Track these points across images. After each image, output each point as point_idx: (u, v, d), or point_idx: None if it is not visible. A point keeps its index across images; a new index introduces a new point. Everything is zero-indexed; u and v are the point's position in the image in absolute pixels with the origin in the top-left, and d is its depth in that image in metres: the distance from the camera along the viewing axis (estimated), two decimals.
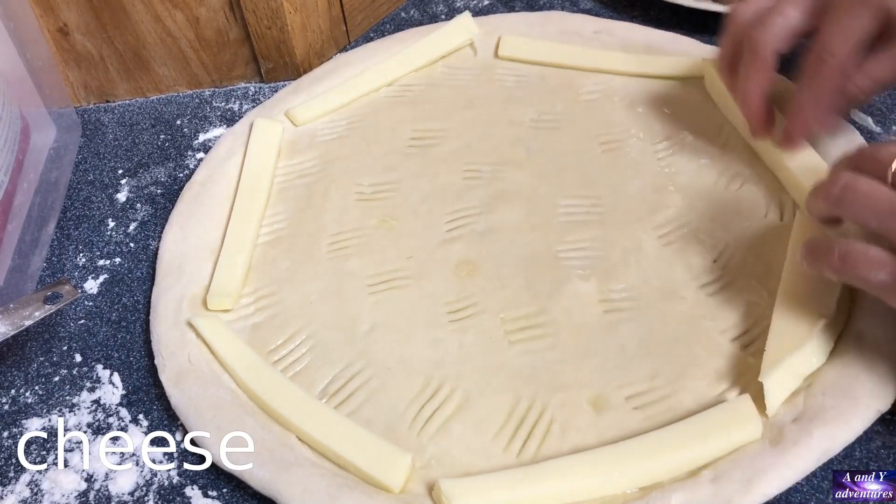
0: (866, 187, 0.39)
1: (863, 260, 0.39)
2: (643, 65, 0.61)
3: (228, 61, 0.66)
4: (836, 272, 0.40)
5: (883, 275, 0.38)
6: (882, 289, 0.38)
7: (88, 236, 0.57)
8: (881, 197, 0.39)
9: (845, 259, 0.39)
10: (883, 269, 0.38)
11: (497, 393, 0.44)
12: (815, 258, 0.41)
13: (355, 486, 0.40)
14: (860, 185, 0.39)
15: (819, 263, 0.41)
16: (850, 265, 0.39)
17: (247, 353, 0.47)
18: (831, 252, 0.40)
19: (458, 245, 0.52)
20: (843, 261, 0.39)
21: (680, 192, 0.53)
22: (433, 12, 0.73)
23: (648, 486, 0.39)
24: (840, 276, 0.40)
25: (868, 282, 0.39)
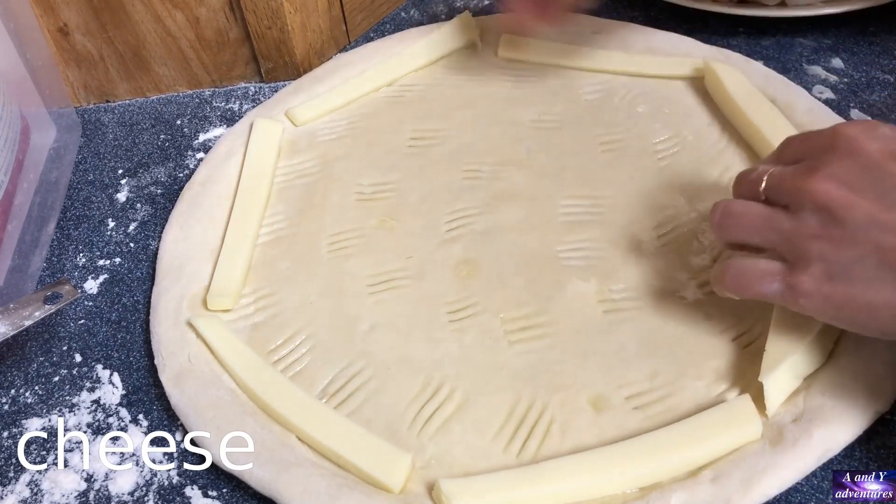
0: (740, 208, 0.42)
1: (754, 275, 0.40)
2: (643, 65, 0.61)
3: (228, 61, 0.66)
4: (735, 292, 0.42)
5: (776, 284, 0.39)
6: (779, 298, 0.40)
7: (88, 236, 0.57)
8: (754, 213, 0.41)
9: (736, 278, 0.41)
10: (774, 280, 0.39)
11: (497, 393, 0.44)
12: (717, 283, 0.43)
13: (355, 486, 0.40)
14: (734, 207, 0.42)
15: (720, 287, 0.43)
16: (745, 283, 0.41)
17: (247, 353, 0.47)
18: (724, 274, 0.42)
19: (457, 245, 0.52)
20: (734, 280, 0.41)
21: (680, 192, 0.53)
22: (433, 12, 0.73)
23: (648, 486, 0.39)
24: (740, 294, 0.42)
25: (764, 295, 0.40)
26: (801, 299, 0.38)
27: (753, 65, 0.60)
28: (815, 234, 0.38)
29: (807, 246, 0.38)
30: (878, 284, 0.36)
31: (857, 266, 0.37)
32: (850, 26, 0.65)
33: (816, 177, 0.39)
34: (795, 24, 0.66)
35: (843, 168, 0.38)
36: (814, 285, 0.38)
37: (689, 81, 0.60)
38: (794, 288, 0.39)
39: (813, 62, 0.63)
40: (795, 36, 0.65)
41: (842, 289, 0.37)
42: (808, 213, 0.39)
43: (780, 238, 0.40)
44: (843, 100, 0.59)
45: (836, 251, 0.37)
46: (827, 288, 0.37)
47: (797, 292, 0.38)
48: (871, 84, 0.60)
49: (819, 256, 0.38)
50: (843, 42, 0.64)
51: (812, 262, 0.38)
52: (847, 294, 0.37)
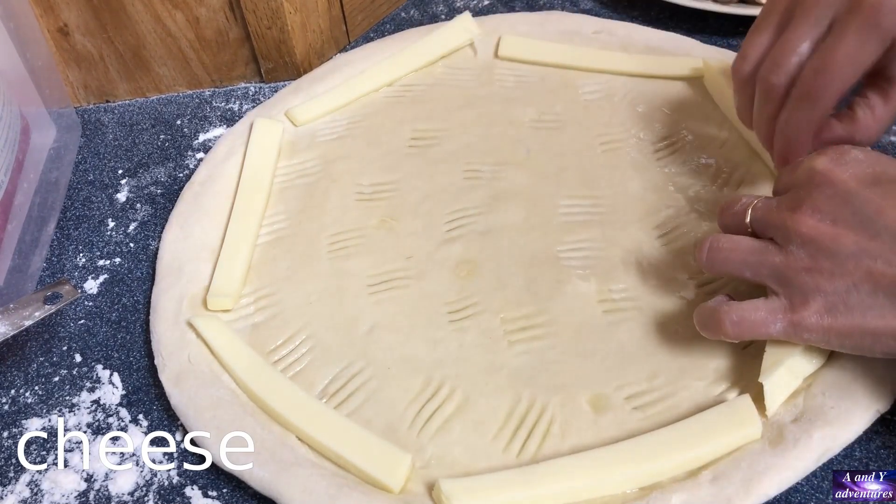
0: (728, 244, 0.42)
1: (756, 319, 0.40)
2: (643, 65, 0.61)
3: (228, 61, 0.66)
4: (734, 338, 0.41)
5: (780, 324, 0.40)
6: (783, 336, 0.40)
7: (88, 236, 0.57)
8: (744, 248, 0.41)
9: (738, 325, 0.40)
10: (776, 321, 0.40)
11: (497, 393, 0.44)
12: (709, 329, 0.42)
13: (355, 486, 0.40)
14: (722, 243, 0.42)
15: (715, 334, 0.42)
16: (746, 328, 0.40)
17: (247, 353, 0.47)
18: (722, 322, 0.41)
19: (457, 245, 0.52)
20: (736, 327, 0.40)
21: (680, 192, 0.53)
22: (433, 12, 0.73)
23: (648, 486, 0.39)
24: (741, 338, 0.41)
25: (769, 335, 0.40)
26: (804, 334, 0.39)
27: None
28: (806, 268, 0.39)
29: (801, 280, 0.39)
30: (875, 311, 0.37)
31: (853, 294, 0.37)
32: None
33: (800, 212, 0.39)
34: None
35: (822, 200, 0.39)
36: (815, 320, 0.38)
37: (689, 81, 0.60)
38: (796, 325, 0.39)
39: None
40: None
41: (842, 320, 0.38)
42: (796, 248, 0.39)
43: (772, 273, 0.40)
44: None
45: (830, 282, 0.38)
46: (828, 321, 0.38)
47: (800, 328, 0.39)
48: None
49: (815, 290, 0.38)
50: None
51: (809, 296, 0.39)
52: (848, 324, 0.38)
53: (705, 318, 0.42)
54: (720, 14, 0.65)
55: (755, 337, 0.41)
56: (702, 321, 0.43)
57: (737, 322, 0.40)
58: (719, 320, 0.41)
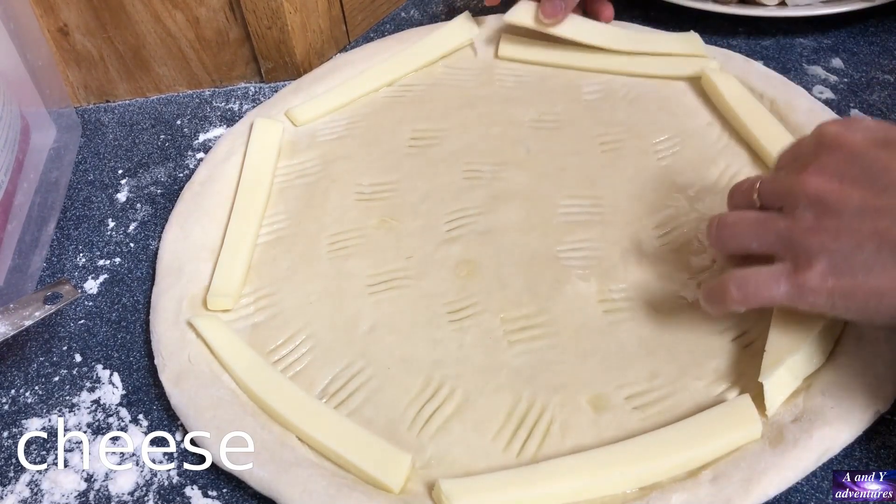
0: (734, 218, 0.42)
1: (759, 282, 0.40)
2: (643, 65, 0.61)
3: (228, 61, 0.66)
4: (740, 304, 0.41)
5: (783, 286, 0.39)
6: (787, 299, 0.40)
7: (88, 236, 0.57)
8: (749, 220, 0.42)
9: (743, 288, 0.41)
10: (780, 282, 0.39)
11: (497, 393, 0.44)
12: (715, 300, 0.42)
13: (355, 487, 0.40)
14: (728, 218, 0.43)
15: (721, 304, 0.42)
16: (751, 292, 0.40)
17: (247, 353, 0.47)
18: (727, 288, 0.41)
19: (457, 245, 0.52)
20: (741, 290, 0.41)
21: (680, 192, 0.53)
22: (433, 12, 0.73)
23: (648, 486, 0.39)
24: (745, 305, 0.41)
25: (773, 299, 0.40)
26: (809, 297, 0.39)
27: (753, 65, 0.60)
28: (811, 228, 0.38)
29: (806, 241, 0.39)
30: (879, 269, 0.37)
31: (858, 254, 0.37)
32: (850, 26, 0.65)
33: (806, 173, 0.39)
34: (795, 24, 0.66)
35: (830, 161, 0.39)
36: (819, 280, 0.38)
37: (689, 81, 0.61)
38: (800, 286, 0.39)
39: (813, 62, 0.63)
40: (795, 36, 0.65)
41: (847, 280, 0.37)
42: (802, 210, 0.39)
43: (777, 238, 0.40)
44: (843, 100, 0.59)
45: (835, 242, 0.38)
46: (832, 282, 0.38)
47: (804, 290, 0.39)
48: (871, 84, 0.60)
49: (820, 250, 0.38)
50: (843, 42, 0.64)
51: (814, 257, 0.38)
52: (852, 283, 0.37)
53: (711, 290, 0.43)
54: (720, 14, 0.65)
55: (760, 302, 0.40)
56: (708, 294, 0.43)
57: (741, 285, 0.40)
58: (724, 287, 0.41)
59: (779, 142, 0.51)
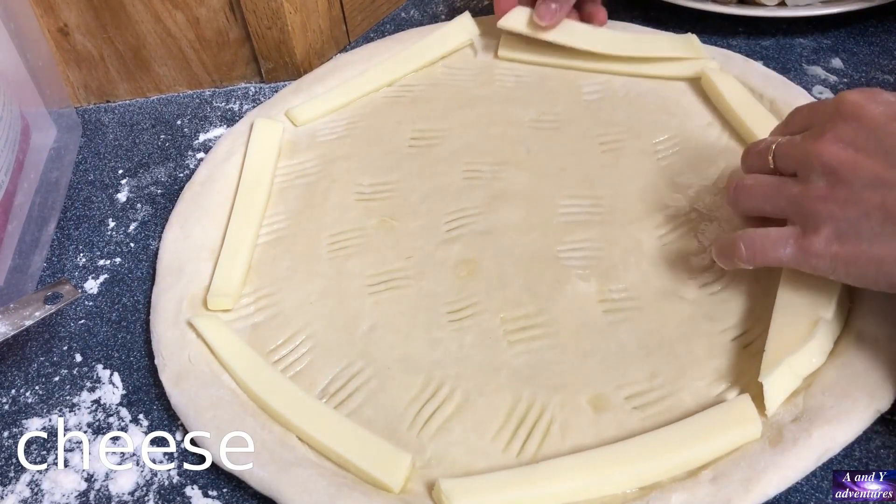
0: (751, 181, 0.44)
1: (767, 242, 0.42)
2: (643, 65, 0.61)
3: (228, 61, 0.66)
4: (747, 262, 0.43)
5: (789, 248, 0.41)
6: (792, 261, 0.41)
7: (88, 236, 0.57)
8: (765, 183, 0.43)
9: (751, 247, 0.42)
10: (787, 244, 0.41)
11: (497, 393, 0.44)
12: (725, 255, 0.44)
13: (355, 486, 0.40)
14: (746, 181, 0.44)
15: (730, 259, 0.44)
16: (758, 251, 0.42)
17: (247, 353, 0.47)
18: (737, 245, 0.43)
19: (457, 245, 0.52)
20: (749, 249, 0.42)
21: (680, 192, 0.53)
22: (433, 12, 0.73)
23: (648, 486, 0.39)
24: (752, 263, 0.43)
25: (779, 260, 0.42)
26: (812, 260, 0.40)
27: (753, 65, 0.60)
28: (822, 196, 0.40)
29: (815, 208, 0.40)
30: (883, 239, 0.38)
31: (864, 223, 0.38)
32: (850, 26, 0.65)
33: (823, 140, 0.40)
34: (795, 24, 0.66)
35: (847, 131, 0.40)
36: (824, 246, 0.40)
37: (689, 82, 0.61)
38: (805, 250, 0.40)
39: (813, 62, 0.63)
40: (795, 36, 0.65)
41: (849, 247, 0.39)
42: (815, 177, 0.40)
43: (789, 203, 0.41)
44: None
45: (843, 210, 0.39)
46: (836, 247, 0.39)
47: (808, 253, 0.40)
48: (871, 84, 0.60)
49: (828, 217, 0.39)
50: (842, 42, 0.64)
51: (821, 223, 0.40)
52: (855, 251, 0.39)
53: (722, 245, 0.45)
54: (720, 14, 0.65)
55: (766, 261, 0.42)
56: (719, 248, 0.45)
57: (749, 243, 0.42)
58: (735, 243, 0.43)
59: None
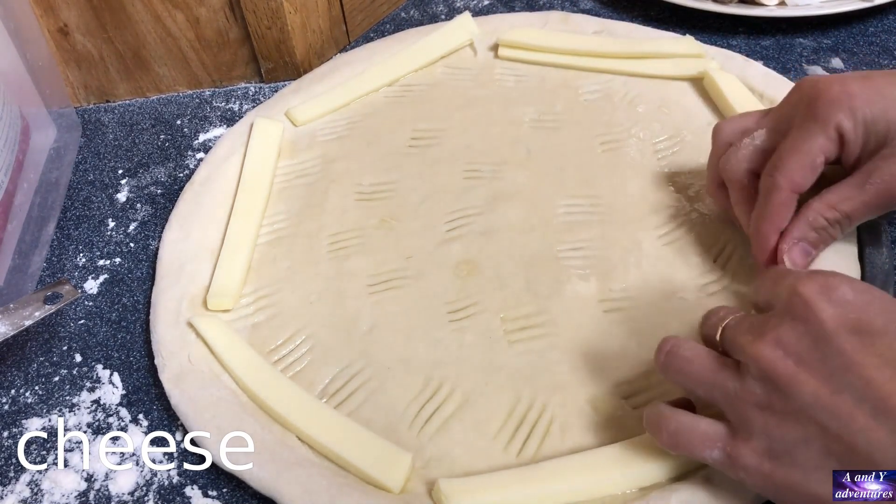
0: (689, 353, 0.38)
1: (693, 437, 0.37)
2: (643, 65, 0.61)
3: (228, 61, 0.66)
4: (670, 448, 0.38)
5: (716, 452, 0.36)
6: (718, 465, 0.36)
7: (88, 236, 0.57)
8: (702, 364, 0.37)
9: (675, 436, 0.37)
10: (715, 446, 0.36)
11: (497, 393, 0.44)
12: (651, 430, 0.39)
13: (355, 486, 0.40)
14: (683, 350, 0.38)
15: (655, 436, 0.39)
16: (682, 443, 0.37)
17: (247, 353, 0.47)
18: (660, 428, 0.38)
19: (457, 245, 0.52)
20: (672, 438, 0.37)
21: (680, 191, 0.53)
22: (433, 12, 0.73)
23: (648, 486, 0.39)
24: (674, 451, 0.38)
25: (703, 459, 0.37)
26: (740, 472, 0.35)
27: (753, 65, 0.60)
28: (758, 403, 0.35)
29: (750, 414, 0.35)
30: (821, 475, 0.33)
31: (802, 449, 0.33)
32: (850, 26, 0.65)
33: (763, 342, 0.35)
34: (795, 24, 0.66)
35: (792, 336, 0.34)
36: (754, 460, 0.35)
37: (689, 81, 0.61)
38: (733, 459, 0.35)
39: (813, 62, 0.63)
40: (795, 36, 0.65)
41: (784, 472, 0.34)
42: (752, 379, 0.35)
43: (724, 398, 0.36)
44: None
45: (780, 427, 0.34)
46: (768, 466, 0.34)
47: (737, 464, 0.35)
48: None
49: (762, 430, 0.35)
50: (843, 42, 0.64)
51: (754, 433, 0.35)
52: (789, 478, 0.34)
53: (648, 419, 0.39)
54: (720, 14, 0.65)
55: (690, 455, 0.37)
56: (646, 420, 0.39)
57: (673, 433, 0.37)
58: (658, 426, 0.38)
59: None
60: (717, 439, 0.36)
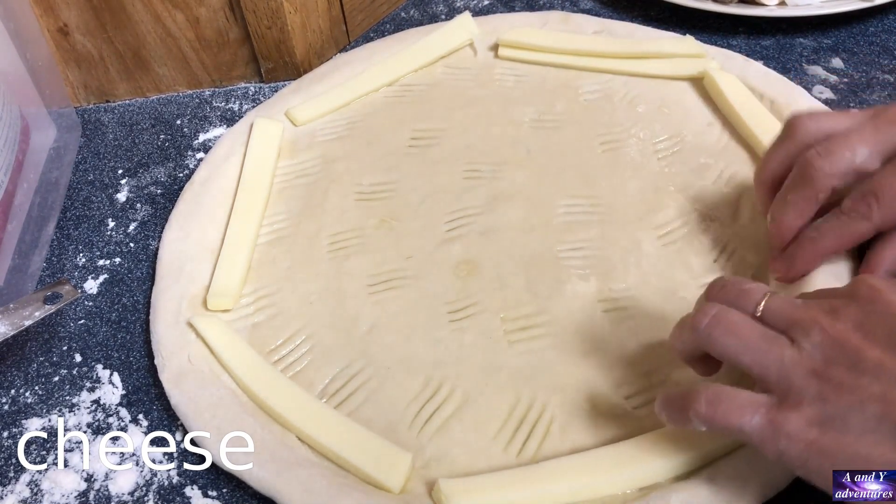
0: (737, 318, 0.37)
1: (733, 404, 0.35)
2: (643, 65, 0.61)
3: (228, 61, 0.66)
4: (704, 421, 0.36)
5: (757, 419, 0.35)
6: (756, 435, 0.35)
7: (88, 236, 0.57)
8: (753, 328, 0.36)
9: (715, 404, 0.35)
10: (757, 413, 0.35)
11: (497, 393, 0.44)
12: (677, 409, 0.37)
13: (355, 486, 0.40)
14: (730, 315, 0.37)
15: (682, 414, 0.37)
16: (721, 411, 0.35)
17: (247, 352, 0.47)
18: (696, 399, 0.36)
19: (457, 245, 0.52)
20: (712, 406, 0.35)
21: (680, 191, 0.53)
22: (433, 12, 0.73)
23: (648, 486, 0.39)
24: (709, 424, 0.36)
25: (741, 429, 0.35)
26: (781, 440, 0.34)
27: (753, 65, 0.60)
28: (816, 371, 0.34)
29: (805, 382, 0.34)
30: (875, 437, 0.33)
31: (856, 413, 0.33)
32: (850, 26, 0.65)
33: (831, 314, 0.35)
34: (795, 24, 0.66)
35: (858, 313, 0.35)
36: (800, 427, 0.34)
37: (689, 81, 0.61)
38: (777, 426, 0.34)
39: (813, 62, 0.63)
40: (795, 36, 0.65)
41: (832, 437, 0.33)
42: (814, 347, 0.35)
43: (774, 365, 0.35)
44: (843, 100, 0.59)
45: (836, 394, 0.34)
46: (815, 433, 0.33)
47: (780, 431, 0.34)
48: (871, 84, 0.60)
49: (816, 397, 0.34)
50: (843, 42, 0.64)
51: (805, 401, 0.34)
52: (837, 442, 0.33)
53: (673, 399, 0.38)
54: (720, 14, 0.65)
55: (726, 425, 0.35)
56: (668, 401, 0.38)
57: (712, 400, 0.36)
58: (693, 398, 0.36)
59: None
60: (759, 405, 0.35)
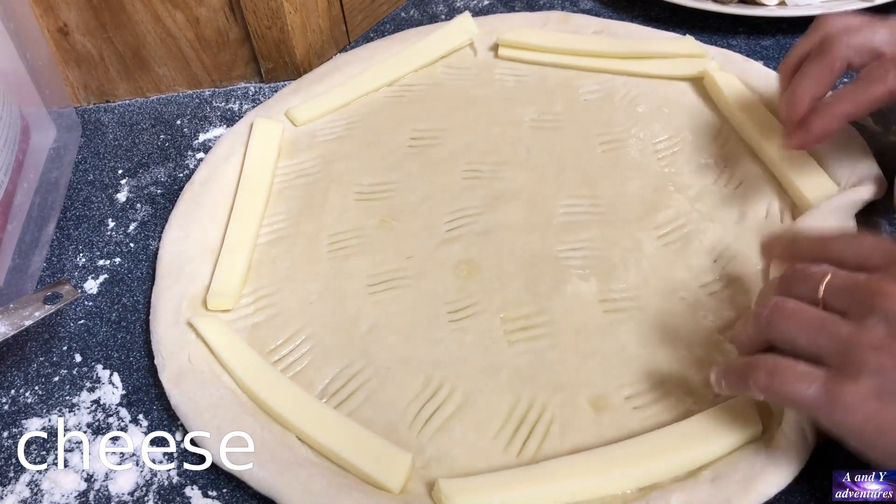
0: (794, 305, 0.38)
1: (791, 375, 0.36)
2: (643, 65, 0.61)
3: (228, 61, 0.66)
4: (763, 390, 0.37)
5: (814, 388, 0.35)
6: (813, 404, 0.36)
7: (88, 236, 0.57)
8: (809, 313, 0.37)
9: (773, 374, 0.37)
10: (814, 383, 0.35)
11: (497, 393, 0.44)
12: (737, 378, 0.39)
13: (355, 486, 0.40)
14: (788, 304, 0.38)
15: (742, 383, 0.38)
16: (780, 381, 0.36)
17: (247, 352, 0.47)
18: (757, 369, 0.37)
19: (457, 245, 0.52)
20: (771, 376, 0.37)
21: (680, 192, 0.53)
22: (433, 12, 0.73)
23: (648, 486, 0.39)
24: (767, 393, 0.37)
25: (798, 397, 0.36)
26: (838, 412, 0.35)
27: (753, 65, 0.60)
28: (877, 345, 0.34)
29: (864, 355, 0.34)
30: None
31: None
32: None
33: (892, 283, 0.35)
34: (795, 24, 0.66)
35: None
36: (858, 399, 0.34)
37: (689, 81, 0.61)
38: (834, 397, 0.35)
39: None
40: (795, 36, 0.65)
41: (893, 410, 0.33)
42: (875, 321, 0.35)
43: (833, 343, 0.36)
44: None
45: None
46: (873, 406, 0.34)
47: (836, 402, 0.35)
48: None
49: (875, 369, 0.34)
50: None
51: (864, 373, 0.34)
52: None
53: (733, 369, 0.39)
54: (720, 14, 0.65)
55: (783, 396, 0.36)
56: (729, 372, 0.39)
57: (771, 370, 0.37)
58: (754, 368, 0.37)
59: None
60: (816, 377, 0.35)
